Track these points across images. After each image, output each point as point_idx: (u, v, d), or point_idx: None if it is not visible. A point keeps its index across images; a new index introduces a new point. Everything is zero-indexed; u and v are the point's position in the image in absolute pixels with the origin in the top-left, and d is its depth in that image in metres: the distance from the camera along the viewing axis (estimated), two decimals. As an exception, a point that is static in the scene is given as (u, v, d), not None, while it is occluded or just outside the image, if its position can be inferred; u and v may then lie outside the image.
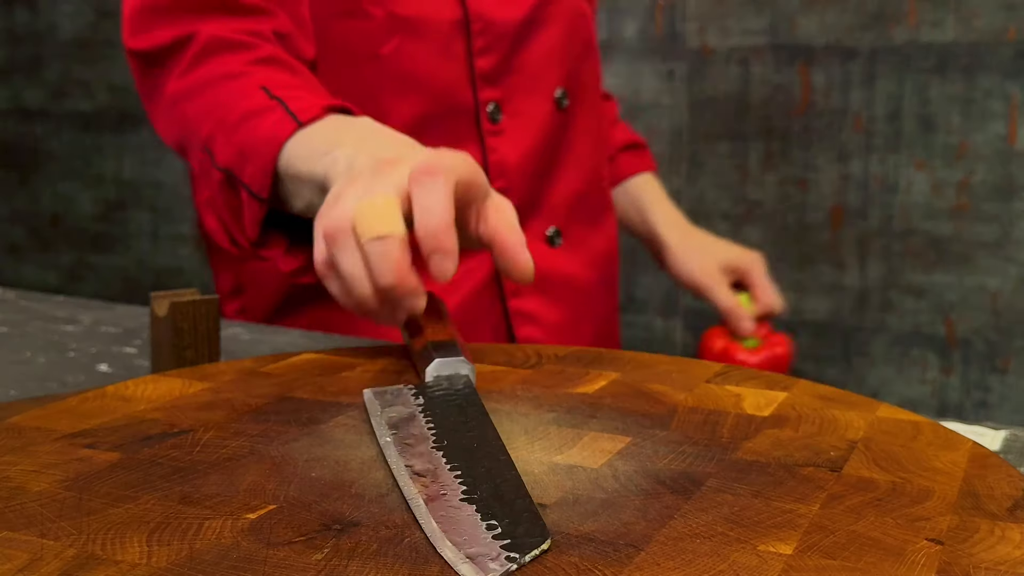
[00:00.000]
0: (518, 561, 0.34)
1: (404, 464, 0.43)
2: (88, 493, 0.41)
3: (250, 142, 0.69)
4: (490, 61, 0.93)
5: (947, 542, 0.37)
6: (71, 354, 0.79)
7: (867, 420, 0.52)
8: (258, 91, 0.72)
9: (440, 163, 0.54)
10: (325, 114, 0.69)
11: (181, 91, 0.78)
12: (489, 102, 0.93)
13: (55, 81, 2.30)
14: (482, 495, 0.39)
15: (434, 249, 0.53)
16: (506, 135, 0.95)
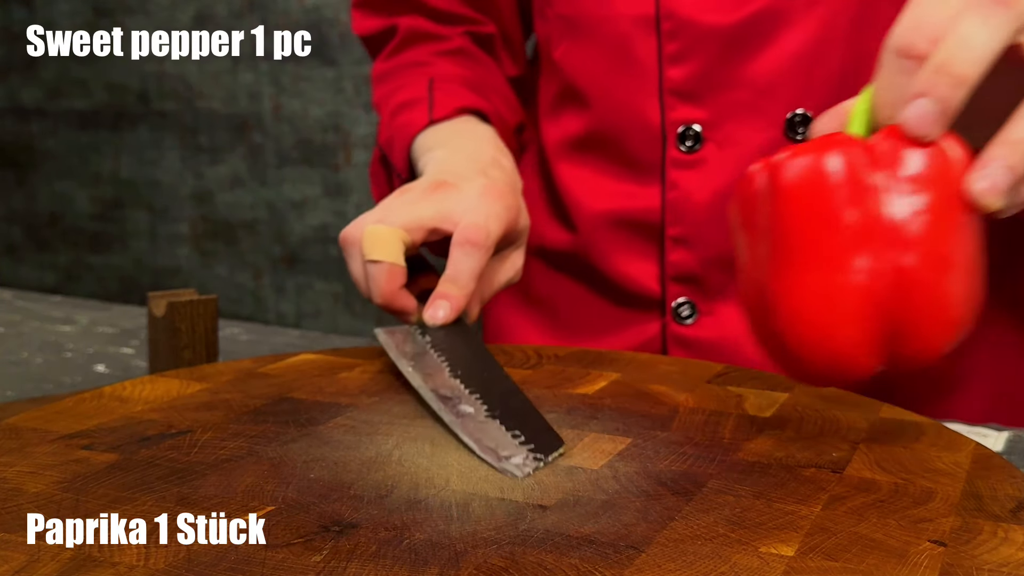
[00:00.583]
0: (544, 460, 0.45)
1: (430, 389, 0.51)
2: (85, 494, 0.41)
3: (397, 129, 0.76)
4: (685, 71, 0.71)
5: (950, 544, 0.37)
6: (68, 354, 0.79)
7: (869, 421, 0.52)
8: (424, 82, 0.78)
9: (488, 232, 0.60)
10: (456, 114, 0.74)
11: (379, 74, 0.85)
12: (681, 124, 0.72)
13: (52, 80, 2.31)
14: (502, 413, 0.48)
15: (441, 297, 0.59)
16: (700, 169, 0.72)
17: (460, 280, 0.59)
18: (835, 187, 0.42)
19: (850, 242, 0.42)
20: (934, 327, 0.43)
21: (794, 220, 0.43)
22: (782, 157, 0.44)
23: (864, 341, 0.43)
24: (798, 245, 0.43)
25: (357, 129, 1.83)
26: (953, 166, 0.43)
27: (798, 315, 0.44)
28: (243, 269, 2.04)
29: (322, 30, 1.84)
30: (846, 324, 0.43)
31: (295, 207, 1.94)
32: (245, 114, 1.98)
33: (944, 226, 0.42)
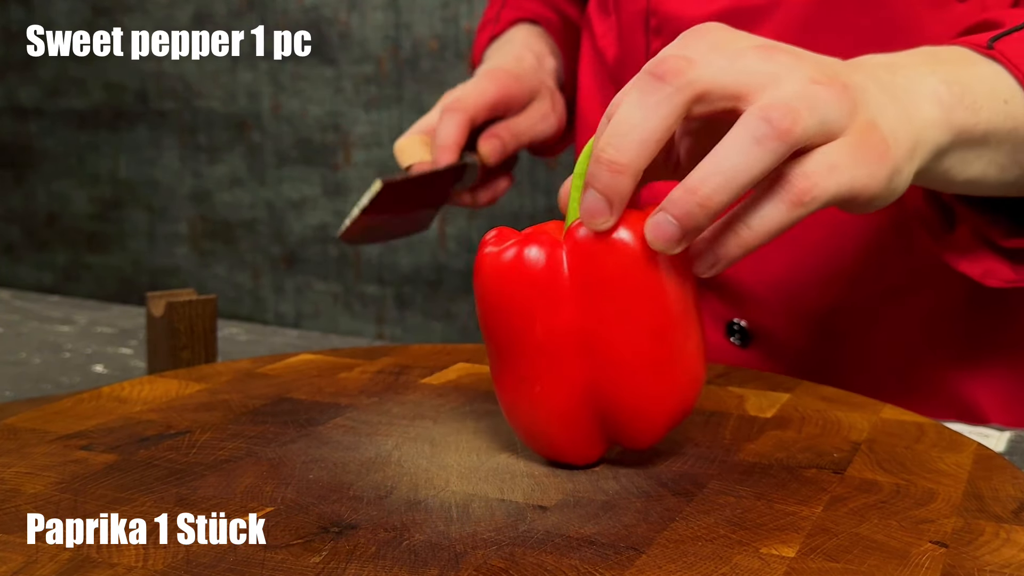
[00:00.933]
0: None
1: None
2: (84, 495, 0.41)
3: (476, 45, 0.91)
4: None
5: (951, 545, 0.37)
6: (66, 355, 0.79)
7: (871, 421, 0.52)
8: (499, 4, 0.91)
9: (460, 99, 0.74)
10: (511, 26, 0.87)
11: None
12: None
13: (50, 79, 2.30)
14: None
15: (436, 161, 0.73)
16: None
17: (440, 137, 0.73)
18: (528, 295, 0.41)
19: (545, 351, 0.42)
20: (642, 423, 0.43)
21: (493, 324, 0.43)
22: (488, 249, 0.43)
23: (577, 438, 0.43)
24: (499, 349, 0.43)
25: (357, 128, 1.83)
26: (634, 254, 0.41)
27: (510, 413, 0.45)
28: (242, 269, 2.04)
29: (321, 29, 1.84)
30: (553, 426, 0.43)
31: (294, 207, 1.94)
32: (244, 113, 1.98)
33: (634, 326, 0.41)
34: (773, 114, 0.40)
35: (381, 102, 1.82)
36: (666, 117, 0.41)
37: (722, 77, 0.41)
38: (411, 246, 1.81)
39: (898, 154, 0.44)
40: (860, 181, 0.42)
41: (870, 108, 0.44)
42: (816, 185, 0.41)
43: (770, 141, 0.40)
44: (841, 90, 0.42)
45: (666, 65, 0.41)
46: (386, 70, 1.80)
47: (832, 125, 0.42)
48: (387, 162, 1.82)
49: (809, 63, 0.43)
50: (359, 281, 1.89)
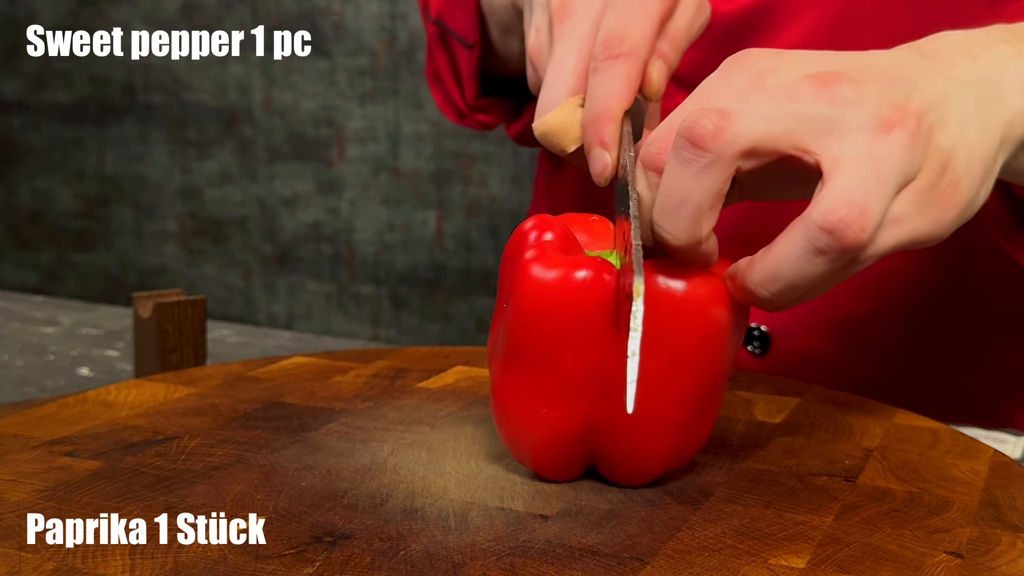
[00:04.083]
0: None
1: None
2: (68, 503, 0.41)
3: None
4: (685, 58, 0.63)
5: (967, 555, 0.37)
6: (50, 357, 0.79)
7: (883, 427, 0.52)
8: None
9: (621, 37, 0.49)
10: None
11: None
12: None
13: (34, 72, 2.30)
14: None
15: (592, 143, 0.48)
16: None
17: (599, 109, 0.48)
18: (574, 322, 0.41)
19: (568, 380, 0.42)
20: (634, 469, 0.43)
21: (524, 336, 0.42)
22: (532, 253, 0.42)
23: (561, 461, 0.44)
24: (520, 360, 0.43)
25: (351, 123, 1.83)
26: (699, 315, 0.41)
27: (504, 419, 0.44)
28: (232, 268, 2.04)
29: (315, 20, 1.84)
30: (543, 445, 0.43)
31: (287, 204, 1.94)
32: (234, 107, 1.98)
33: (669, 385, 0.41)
34: (839, 225, 0.37)
35: (377, 95, 1.82)
36: (711, 187, 0.38)
37: (770, 128, 0.38)
38: (407, 245, 1.81)
39: (972, 187, 0.42)
40: (923, 229, 0.40)
41: (946, 133, 0.41)
42: (875, 243, 0.39)
43: (835, 254, 0.38)
44: (913, 134, 0.39)
45: (700, 128, 0.38)
46: (382, 62, 1.80)
47: (906, 180, 0.39)
48: (383, 158, 1.82)
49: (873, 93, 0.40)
50: (354, 281, 1.89)
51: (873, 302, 0.70)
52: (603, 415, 0.42)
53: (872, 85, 0.40)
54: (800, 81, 0.40)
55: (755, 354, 0.72)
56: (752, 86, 0.40)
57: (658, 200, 0.39)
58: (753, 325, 0.72)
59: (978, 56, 0.45)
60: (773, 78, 0.40)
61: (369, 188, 1.86)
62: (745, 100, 0.39)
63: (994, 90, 0.44)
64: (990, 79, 0.45)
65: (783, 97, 0.39)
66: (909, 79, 0.42)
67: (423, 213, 1.81)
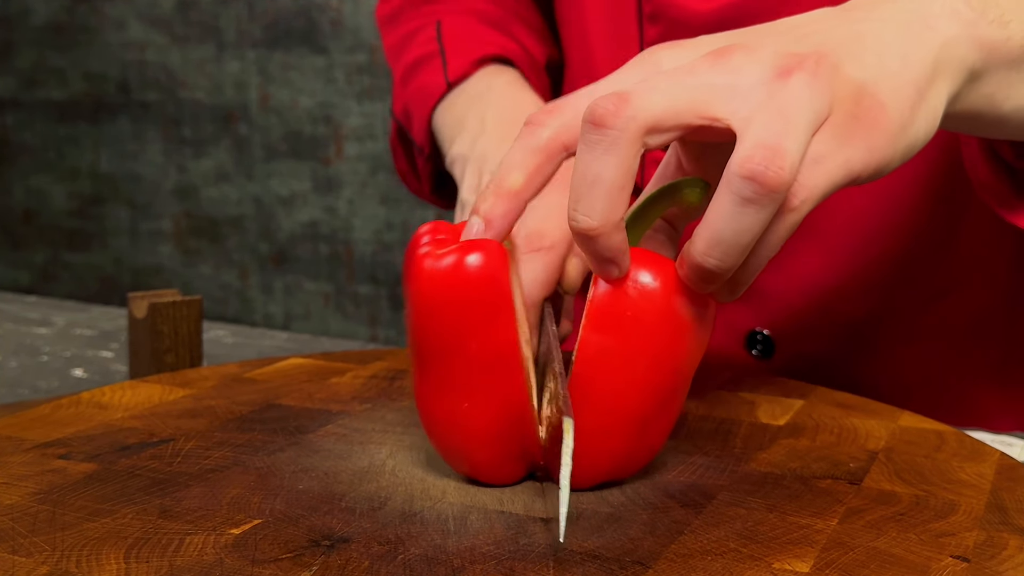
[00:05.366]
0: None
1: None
2: (62, 507, 0.41)
3: (413, 98, 0.71)
4: None
5: (973, 559, 0.37)
6: (44, 358, 0.79)
7: (888, 429, 0.52)
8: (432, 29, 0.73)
9: (542, 234, 0.54)
10: (475, 68, 0.69)
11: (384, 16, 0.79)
12: None
13: (27, 69, 2.30)
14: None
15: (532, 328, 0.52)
16: None
17: (529, 296, 0.53)
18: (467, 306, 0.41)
19: (473, 369, 0.42)
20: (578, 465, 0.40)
21: (424, 332, 0.42)
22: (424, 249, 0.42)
23: (497, 459, 0.43)
24: (427, 359, 0.43)
25: (349, 120, 1.83)
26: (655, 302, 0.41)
27: (430, 425, 0.44)
28: (229, 268, 2.04)
29: (311, 16, 1.84)
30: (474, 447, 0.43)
31: (283, 203, 1.94)
32: (231, 105, 1.98)
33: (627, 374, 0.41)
34: (757, 167, 0.37)
35: (375, 93, 1.82)
36: (619, 164, 0.39)
37: (671, 102, 0.39)
38: (406, 244, 1.81)
39: (900, 109, 0.41)
40: (855, 161, 0.40)
41: (855, 67, 0.41)
42: (803, 186, 0.39)
43: (763, 199, 0.38)
44: (812, 73, 0.39)
45: (601, 109, 0.39)
46: (380, 59, 1.80)
47: (818, 118, 0.39)
48: (381, 156, 1.82)
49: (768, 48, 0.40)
50: (352, 281, 1.89)
51: (883, 302, 0.70)
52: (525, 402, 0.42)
53: (769, 46, 0.41)
54: (697, 59, 0.41)
55: (759, 359, 0.72)
56: (652, 72, 0.41)
57: (572, 189, 0.40)
58: (756, 329, 0.72)
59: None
60: (672, 63, 0.42)
61: (367, 187, 1.86)
62: (642, 85, 0.40)
63: (920, 22, 0.44)
64: (915, 12, 0.44)
65: (681, 74, 0.40)
66: (815, 32, 0.42)
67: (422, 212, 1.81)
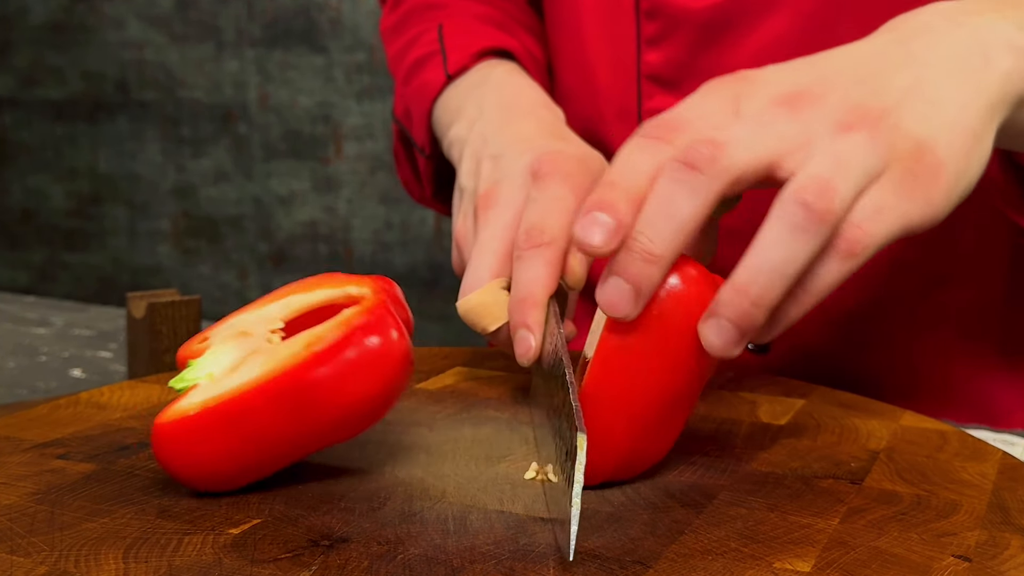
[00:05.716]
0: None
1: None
2: (60, 507, 0.41)
3: (413, 96, 0.71)
4: (662, 56, 0.69)
5: (975, 559, 0.37)
6: (42, 358, 0.79)
7: (890, 429, 0.52)
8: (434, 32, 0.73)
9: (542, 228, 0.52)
10: (474, 61, 0.69)
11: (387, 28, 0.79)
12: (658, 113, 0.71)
13: (25, 67, 2.30)
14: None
15: (516, 325, 0.51)
16: None
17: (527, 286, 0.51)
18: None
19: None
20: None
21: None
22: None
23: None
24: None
25: (348, 120, 1.83)
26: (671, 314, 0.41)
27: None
28: (228, 268, 2.04)
29: (311, 15, 1.84)
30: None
31: (283, 202, 1.94)
32: (230, 104, 1.98)
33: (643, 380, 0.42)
34: (808, 196, 0.40)
35: (374, 92, 1.82)
36: (702, 207, 0.41)
37: (753, 154, 0.41)
38: (406, 244, 1.81)
39: (957, 161, 0.44)
40: (913, 214, 0.42)
41: (914, 122, 0.43)
42: (866, 234, 0.41)
43: (812, 226, 0.40)
44: (872, 130, 0.42)
45: (699, 153, 0.41)
46: (379, 58, 1.80)
47: (872, 171, 0.41)
48: (380, 156, 1.82)
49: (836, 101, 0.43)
50: (351, 281, 1.89)
51: (882, 292, 0.70)
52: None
53: (836, 94, 0.43)
54: (770, 106, 0.43)
55: (755, 352, 0.72)
56: (729, 113, 0.43)
57: (647, 211, 0.41)
58: None
59: (962, 24, 0.47)
60: (747, 103, 0.43)
61: (366, 186, 1.86)
62: (727, 129, 0.42)
63: (979, 58, 0.46)
64: (974, 47, 0.46)
65: (761, 124, 0.42)
66: (877, 75, 0.44)
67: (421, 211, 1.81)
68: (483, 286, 0.53)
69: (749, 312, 0.40)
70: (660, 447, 0.44)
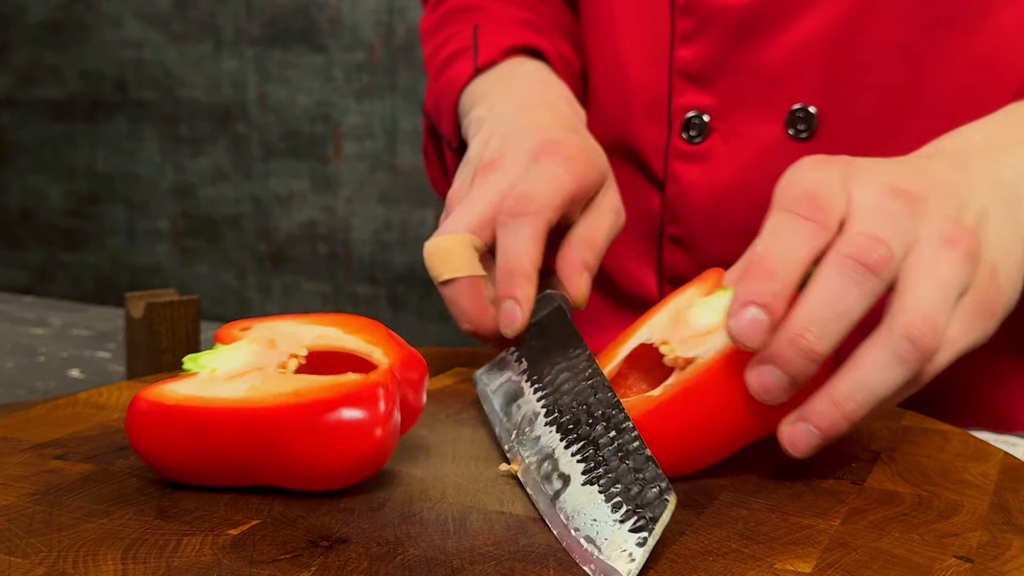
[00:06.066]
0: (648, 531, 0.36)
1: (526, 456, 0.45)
2: (59, 507, 0.41)
3: (443, 89, 0.72)
4: (696, 52, 0.69)
5: (977, 560, 0.37)
6: (41, 358, 0.79)
7: (891, 429, 0.52)
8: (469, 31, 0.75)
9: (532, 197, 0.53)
10: (504, 57, 0.71)
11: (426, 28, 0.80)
12: (688, 110, 0.70)
13: (23, 67, 2.31)
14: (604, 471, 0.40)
15: (504, 296, 0.51)
16: (702, 163, 0.70)
17: (512, 258, 0.52)
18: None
19: None
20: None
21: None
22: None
23: None
24: None
25: (347, 119, 1.83)
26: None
27: None
28: (226, 268, 2.04)
29: (310, 14, 1.84)
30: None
31: (281, 202, 1.94)
32: (228, 103, 1.98)
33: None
34: (917, 334, 0.42)
35: (374, 91, 1.82)
36: (868, 307, 0.42)
37: (891, 250, 0.43)
38: (405, 244, 1.81)
39: (1010, 292, 0.47)
40: (972, 342, 0.45)
41: (989, 247, 0.46)
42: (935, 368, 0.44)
43: (913, 360, 0.42)
44: (968, 249, 0.44)
45: (876, 255, 0.42)
46: (379, 57, 1.80)
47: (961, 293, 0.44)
48: (380, 155, 1.82)
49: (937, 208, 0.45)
50: (350, 280, 1.89)
51: None
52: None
53: (936, 201, 0.45)
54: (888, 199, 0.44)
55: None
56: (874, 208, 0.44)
57: (814, 305, 0.42)
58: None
59: (998, 160, 0.50)
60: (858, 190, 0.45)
61: (366, 186, 1.86)
62: (885, 226, 0.43)
63: (1017, 196, 0.49)
64: (1013, 185, 0.50)
65: (891, 216, 0.44)
66: (956, 193, 0.47)
67: (421, 211, 1.82)
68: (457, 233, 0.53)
69: (839, 424, 0.42)
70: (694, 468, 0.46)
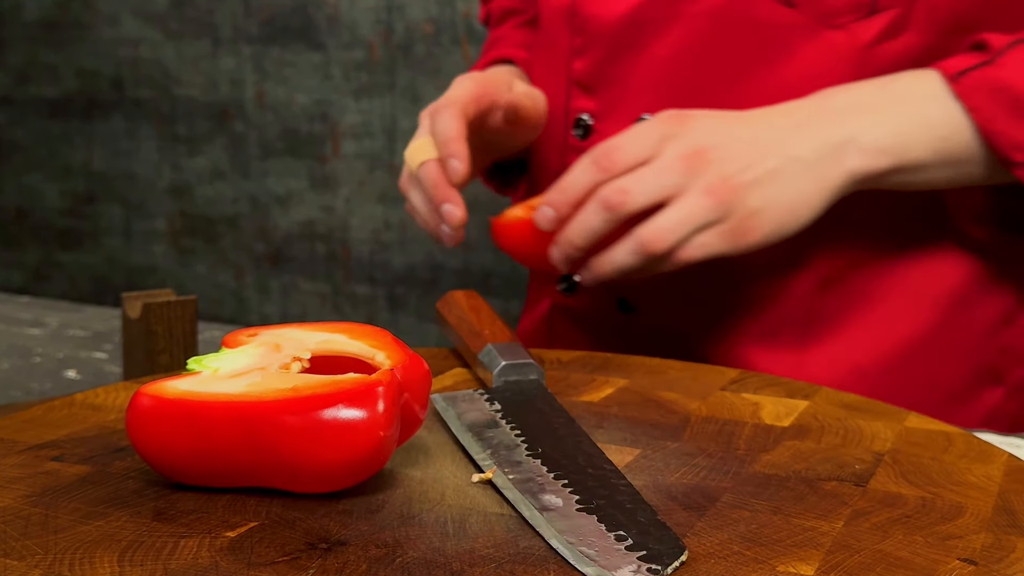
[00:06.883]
0: (661, 574, 0.36)
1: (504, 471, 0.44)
2: (55, 509, 0.41)
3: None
4: (584, 64, 0.81)
5: (981, 562, 0.37)
6: (36, 359, 0.79)
7: (895, 431, 0.52)
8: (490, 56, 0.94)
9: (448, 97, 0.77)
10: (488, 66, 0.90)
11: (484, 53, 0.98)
12: (577, 112, 0.83)
13: (19, 65, 2.30)
14: (599, 504, 0.41)
15: (446, 155, 0.73)
16: None
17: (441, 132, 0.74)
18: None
19: None
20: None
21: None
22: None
23: None
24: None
25: (346, 118, 1.83)
26: None
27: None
28: (224, 267, 2.04)
29: (308, 12, 1.84)
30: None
31: (279, 201, 1.94)
32: (226, 102, 1.98)
33: None
34: (647, 239, 0.65)
35: (372, 90, 1.82)
36: (606, 228, 0.67)
37: (647, 198, 0.65)
38: (404, 244, 1.81)
39: (772, 226, 0.66)
40: (723, 250, 0.66)
41: (761, 196, 0.65)
42: (684, 251, 0.66)
43: (640, 254, 0.66)
44: (722, 200, 0.65)
45: (615, 200, 0.66)
46: (378, 56, 1.80)
47: (709, 224, 0.65)
48: (379, 154, 1.82)
49: (717, 170, 0.65)
50: (349, 281, 1.89)
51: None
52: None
53: (720, 165, 0.65)
54: (676, 160, 0.66)
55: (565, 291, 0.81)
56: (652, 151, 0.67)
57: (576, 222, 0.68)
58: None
59: (834, 122, 0.67)
60: (667, 148, 0.66)
61: (365, 185, 1.86)
62: (637, 181, 0.66)
63: (834, 156, 0.66)
64: (835, 146, 0.66)
65: (662, 173, 0.66)
66: (747, 155, 0.66)
67: (420, 211, 1.81)
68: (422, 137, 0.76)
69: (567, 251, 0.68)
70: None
